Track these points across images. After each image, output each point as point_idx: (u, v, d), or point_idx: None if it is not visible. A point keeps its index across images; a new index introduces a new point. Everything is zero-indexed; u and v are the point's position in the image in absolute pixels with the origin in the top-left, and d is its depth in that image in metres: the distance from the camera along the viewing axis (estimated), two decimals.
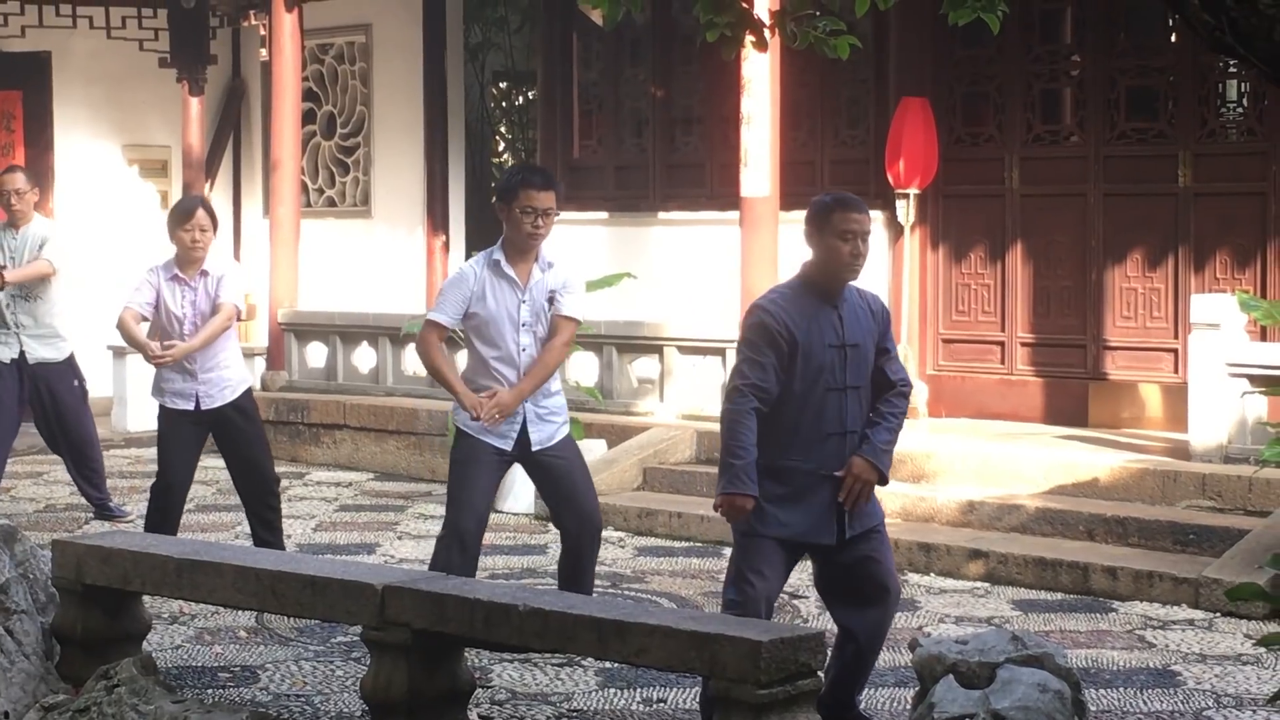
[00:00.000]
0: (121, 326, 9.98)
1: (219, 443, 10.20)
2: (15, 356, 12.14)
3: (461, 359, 14.94)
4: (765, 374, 6.88)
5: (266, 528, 10.17)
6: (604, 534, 11.92)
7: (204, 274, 9.97)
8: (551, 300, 8.45)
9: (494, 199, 8.49)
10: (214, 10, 17.70)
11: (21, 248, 12.21)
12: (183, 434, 10.01)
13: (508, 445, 8.44)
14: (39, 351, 12.18)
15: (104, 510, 12.43)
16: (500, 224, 8.54)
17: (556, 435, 8.57)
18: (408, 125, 17.77)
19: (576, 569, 8.60)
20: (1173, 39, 13.32)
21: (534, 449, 8.49)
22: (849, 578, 7.12)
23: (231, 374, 10.11)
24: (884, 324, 7.23)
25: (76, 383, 12.38)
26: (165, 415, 10.05)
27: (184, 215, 9.95)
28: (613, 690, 8.00)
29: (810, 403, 6.95)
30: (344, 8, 17.23)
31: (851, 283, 7.13)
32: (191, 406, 9.97)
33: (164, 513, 9.98)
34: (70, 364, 12.35)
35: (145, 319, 10.00)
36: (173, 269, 9.97)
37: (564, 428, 8.63)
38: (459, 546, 8.34)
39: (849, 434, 7.03)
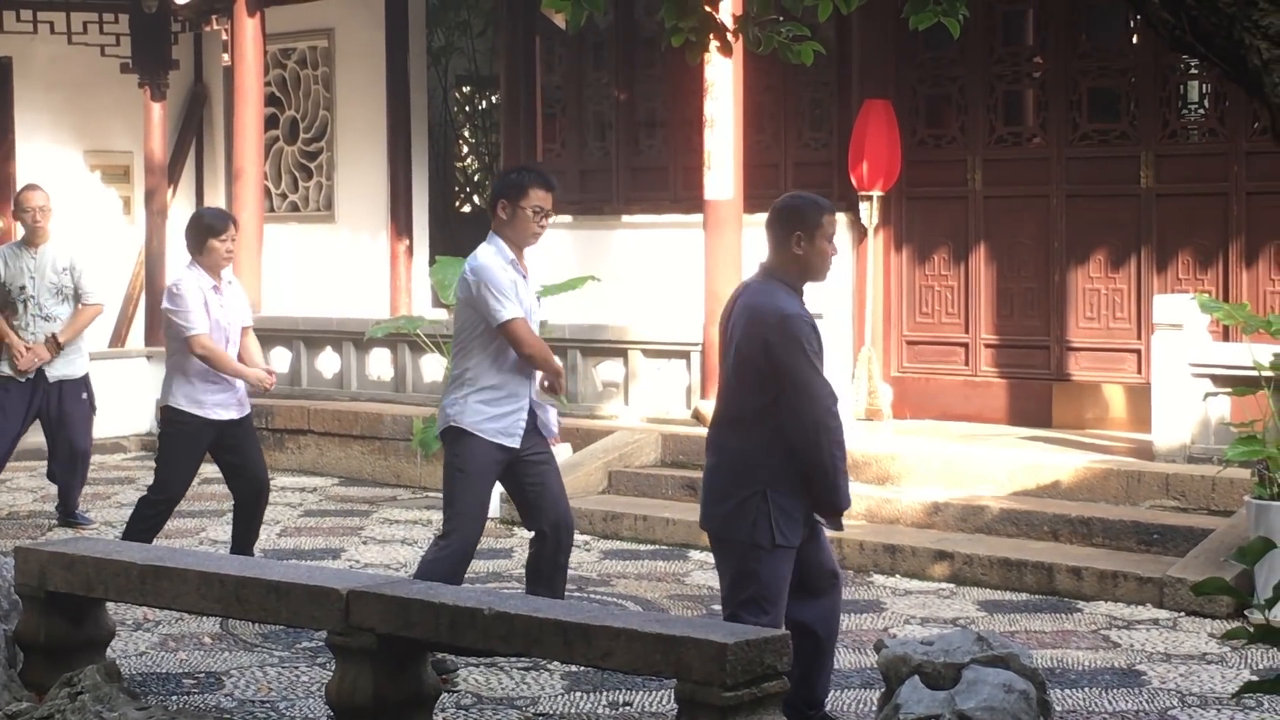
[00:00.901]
0: (214, 357, 9.91)
1: (226, 451, 10.10)
2: (33, 375, 12.13)
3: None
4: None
5: (246, 539, 10.16)
6: None
7: (229, 283, 10.16)
8: (539, 298, 8.63)
9: (494, 195, 8.44)
10: (176, 15, 17.64)
11: (43, 268, 12.22)
12: (201, 448, 10.02)
13: (518, 443, 8.37)
14: (58, 369, 12.22)
15: (70, 517, 12.40)
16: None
17: (553, 432, 8.61)
18: (371, 130, 17.74)
19: (553, 568, 8.55)
20: (1134, 40, 13.36)
21: (540, 436, 8.48)
22: (801, 571, 7.08)
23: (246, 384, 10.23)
24: None
25: (85, 396, 12.37)
26: (196, 427, 9.95)
27: (221, 227, 10.00)
28: (579, 693, 7.99)
29: None
30: (306, 12, 17.19)
31: None
32: (233, 415, 9.99)
33: (159, 518, 10.01)
34: (85, 380, 12.36)
35: None
36: (210, 279, 9.99)
37: None
38: (463, 558, 8.30)
39: None
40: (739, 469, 6.92)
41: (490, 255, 8.37)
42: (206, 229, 9.98)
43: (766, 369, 6.83)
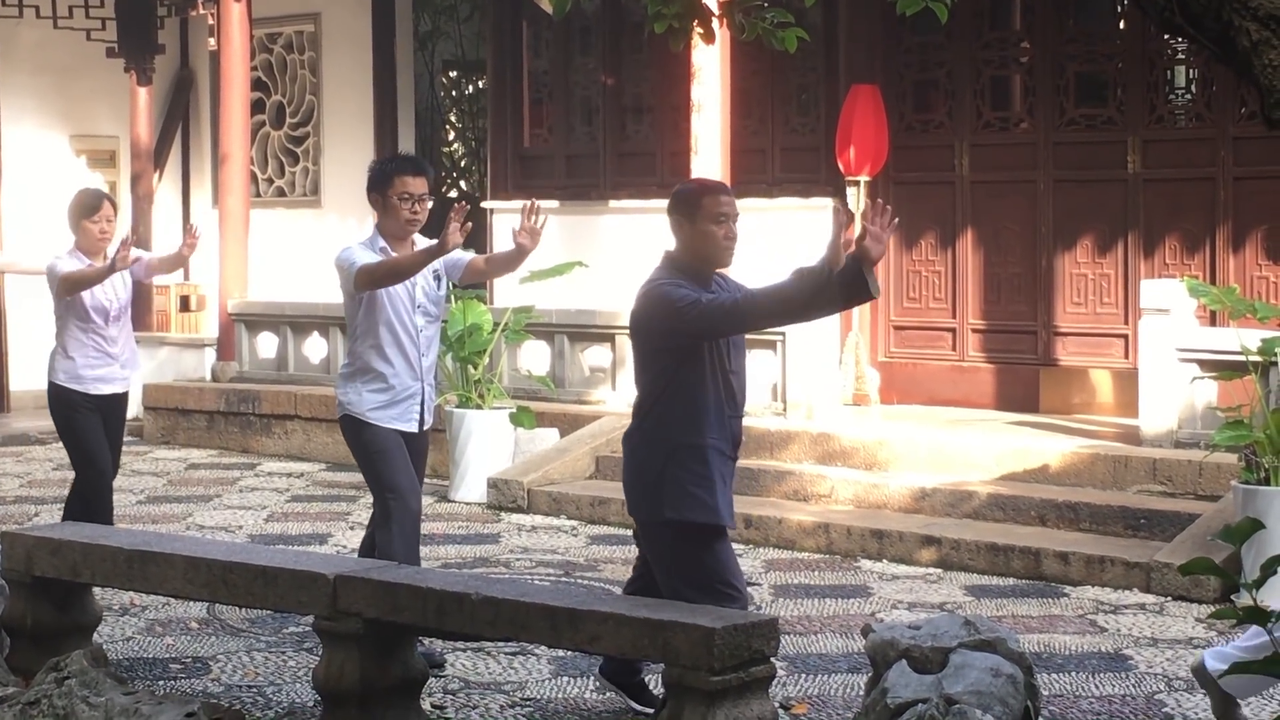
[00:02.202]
0: (83, 276, 9.87)
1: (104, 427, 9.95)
2: None
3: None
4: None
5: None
6: (557, 522, 12.00)
7: None
8: (438, 278, 8.42)
9: (367, 190, 8.39)
10: None
11: None
12: (92, 416, 9.84)
13: (415, 427, 8.32)
14: None
15: None
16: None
17: (431, 419, 8.54)
18: (357, 114, 17.72)
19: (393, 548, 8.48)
20: (1121, 25, 13.37)
21: (423, 430, 8.40)
22: None
23: (136, 356, 10.20)
24: (735, 285, 7.06)
25: None
26: (77, 401, 9.81)
27: (94, 205, 9.88)
28: (565, 679, 7.99)
29: (714, 384, 6.89)
30: None
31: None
32: (116, 390, 9.90)
33: (101, 493, 9.87)
34: None
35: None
36: (86, 261, 9.86)
37: None
38: (414, 530, 8.27)
39: (741, 416, 7.02)
40: (646, 453, 6.91)
41: (356, 248, 8.31)
42: (81, 209, 9.86)
43: (657, 342, 6.87)
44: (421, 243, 8.38)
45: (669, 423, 6.87)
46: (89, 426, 9.81)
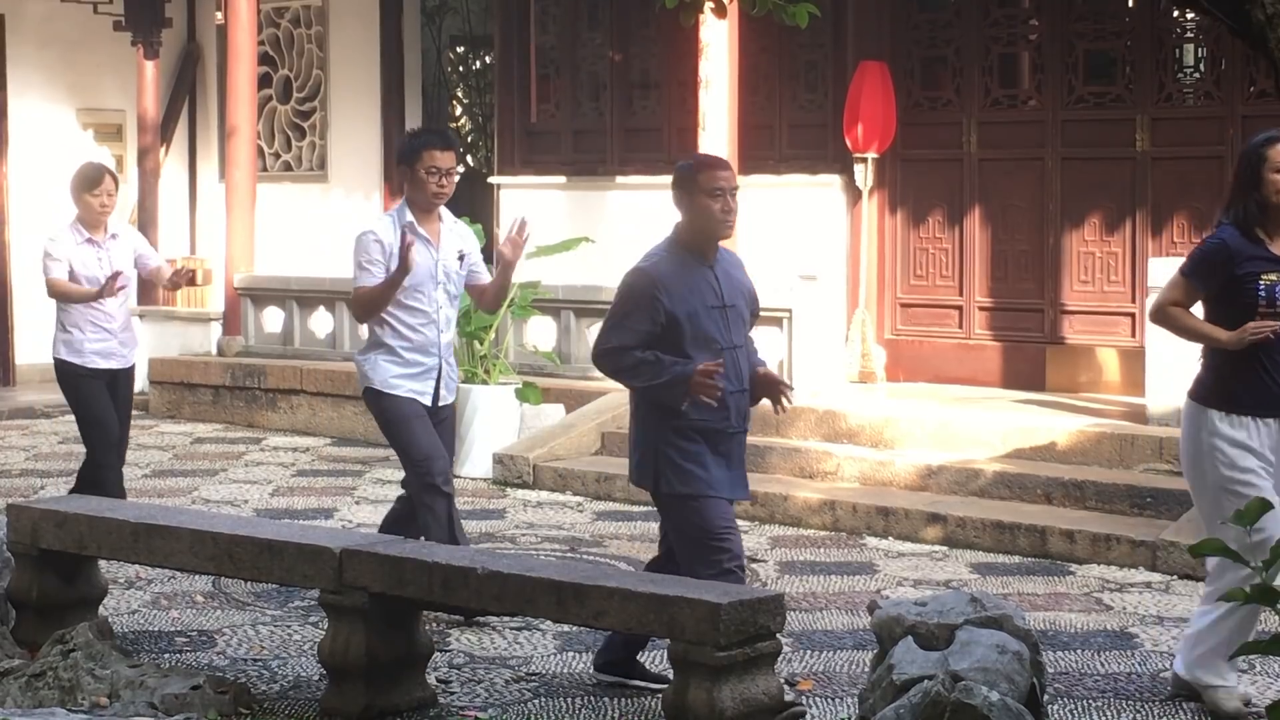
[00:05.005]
0: (62, 291, 10.03)
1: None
2: None
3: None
4: (637, 338, 7.03)
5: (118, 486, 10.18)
6: (563, 498, 12.00)
7: (114, 236, 10.09)
8: (461, 257, 8.60)
9: (396, 162, 8.59)
10: None
11: None
12: (97, 387, 9.98)
13: (429, 400, 8.49)
14: None
15: None
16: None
17: (454, 395, 8.70)
18: (364, 89, 17.69)
19: (448, 521, 8.61)
20: (1130, 3, 13.33)
21: (440, 405, 8.56)
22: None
23: (135, 335, 10.31)
24: (752, 289, 7.41)
25: None
26: (79, 374, 9.97)
27: (96, 178, 10.00)
28: (571, 654, 7.99)
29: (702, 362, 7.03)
30: None
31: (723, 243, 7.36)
32: (116, 366, 10.02)
33: (108, 457, 9.96)
34: None
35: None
36: (84, 234, 9.98)
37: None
38: (443, 496, 8.37)
39: (745, 391, 7.19)
40: (639, 429, 7.22)
41: (379, 225, 8.50)
42: (83, 182, 10.00)
43: None
44: (448, 219, 8.62)
45: (655, 401, 7.07)
46: (93, 391, 9.98)
